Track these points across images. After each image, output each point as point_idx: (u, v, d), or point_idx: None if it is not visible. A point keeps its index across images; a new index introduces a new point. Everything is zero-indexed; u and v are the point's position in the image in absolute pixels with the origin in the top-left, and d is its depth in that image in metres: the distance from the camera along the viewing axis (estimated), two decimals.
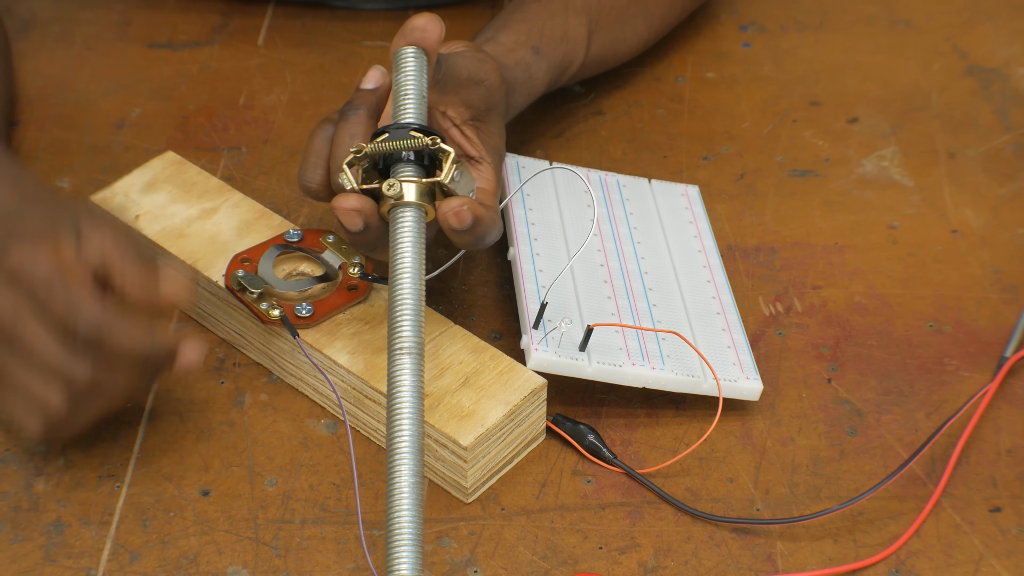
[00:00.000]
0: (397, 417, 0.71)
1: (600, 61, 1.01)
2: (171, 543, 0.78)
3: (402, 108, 0.78)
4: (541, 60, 0.94)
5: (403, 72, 0.79)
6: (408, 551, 0.68)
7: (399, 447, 0.70)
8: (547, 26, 0.96)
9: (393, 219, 0.76)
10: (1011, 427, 0.85)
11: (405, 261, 0.74)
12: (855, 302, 0.92)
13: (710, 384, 0.83)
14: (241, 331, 0.87)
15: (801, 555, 0.79)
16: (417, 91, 0.78)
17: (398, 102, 0.79)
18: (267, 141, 1.02)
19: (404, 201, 0.76)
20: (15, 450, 0.83)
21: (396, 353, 0.72)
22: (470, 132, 0.84)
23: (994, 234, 0.97)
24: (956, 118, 1.06)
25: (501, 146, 0.86)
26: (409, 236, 0.75)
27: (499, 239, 0.94)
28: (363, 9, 1.13)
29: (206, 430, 0.84)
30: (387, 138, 0.77)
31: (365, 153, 0.77)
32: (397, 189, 0.76)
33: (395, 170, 0.77)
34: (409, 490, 0.69)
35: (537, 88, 0.94)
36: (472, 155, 0.84)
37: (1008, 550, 0.79)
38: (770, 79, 1.09)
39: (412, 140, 0.77)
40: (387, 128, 0.77)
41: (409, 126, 0.77)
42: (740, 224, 0.97)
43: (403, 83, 0.79)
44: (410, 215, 0.76)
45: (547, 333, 0.82)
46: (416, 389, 0.71)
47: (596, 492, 0.81)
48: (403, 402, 0.71)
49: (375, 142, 0.77)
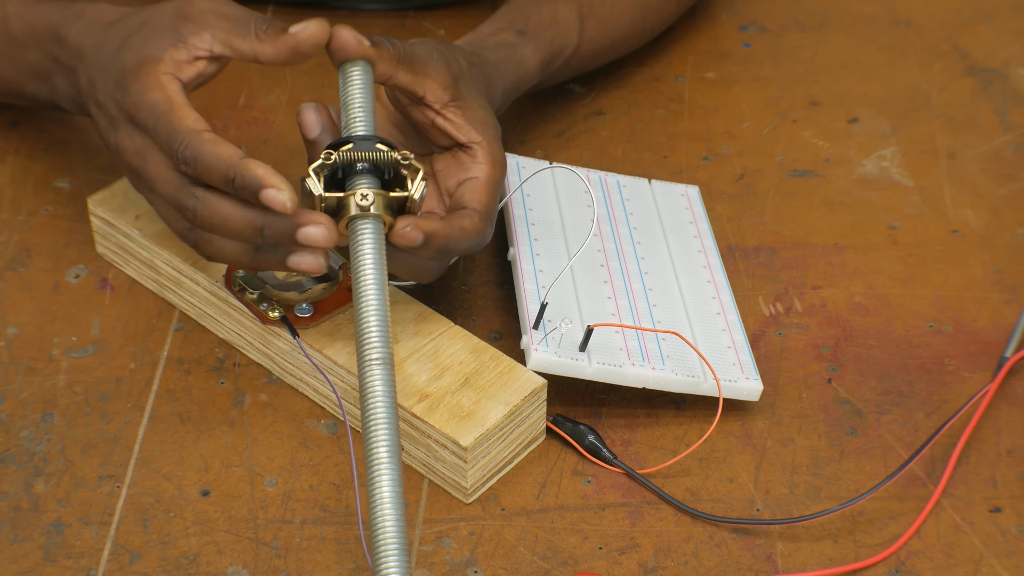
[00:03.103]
0: (374, 428, 0.71)
1: (597, 49, 1.01)
2: (171, 543, 0.78)
3: (354, 120, 0.79)
4: (527, 41, 0.94)
5: (351, 84, 0.80)
6: (395, 557, 0.68)
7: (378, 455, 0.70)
8: (534, 13, 0.96)
9: (356, 230, 0.76)
10: (1011, 427, 0.85)
11: (368, 272, 0.75)
12: (855, 302, 0.92)
13: (710, 384, 0.83)
14: (241, 331, 0.87)
15: (801, 555, 0.79)
16: (367, 102, 0.79)
17: (350, 114, 0.79)
18: (267, 141, 1.02)
19: (370, 213, 0.76)
20: (15, 450, 0.83)
21: (368, 364, 0.72)
22: (453, 115, 0.83)
23: (994, 234, 0.97)
24: (956, 118, 1.06)
25: (490, 119, 0.85)
26: (372, 247, 0.75)
27: (499, 239, 0.94)
28: (363, 9, 1.13)
29: (206, 430, 0.84)
30: (353, 148, 0.77)
31: (335, 160, 0.77)
32: (369, 199, 0.76)
33: (355, 181, 0.77)
34: (391, 500, 0.69)
35: (527, 68, 0.94)
36: (462, 140, 0.83)
37: (1008, 550, 0.79)
38: (770, 79, 1.09)
39: (381, 153, 0.77)
40: (351, 138, 0.78)
41: (372, 138, 0.78)
42: (740, 224, 0.97)
43: (352, 95, 0.79)
44: (372, 226, 0.76)
45: (547, 333, 0.82)
46: (390, 398, 0.71)
47: (596, 492, 0.81)
48: (379, 413, 0.71)
49: (343, 151, 0.77)
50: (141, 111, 0.79)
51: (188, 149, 0.77)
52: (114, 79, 0.81)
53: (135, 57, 0.81)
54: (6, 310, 0.90)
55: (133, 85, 0.80)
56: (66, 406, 0.85)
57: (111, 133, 0.82)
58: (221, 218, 0.78)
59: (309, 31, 0.80)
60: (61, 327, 0.89)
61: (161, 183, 0.80)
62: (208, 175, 0.77)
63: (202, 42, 0.81)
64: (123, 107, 0.81)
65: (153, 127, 0.79)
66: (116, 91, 0.81)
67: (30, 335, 0.89)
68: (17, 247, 0.94)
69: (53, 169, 1.00)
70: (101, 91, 0.82)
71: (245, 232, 0.78)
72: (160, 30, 0.81)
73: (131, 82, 0.80)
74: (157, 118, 0.79)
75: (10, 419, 0.84)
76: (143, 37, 0.81)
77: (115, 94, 0.81)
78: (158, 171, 0.80)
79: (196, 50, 0.81)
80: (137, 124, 0.80)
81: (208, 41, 0.81)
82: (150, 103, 0.79)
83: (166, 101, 0.79)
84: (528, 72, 0.94)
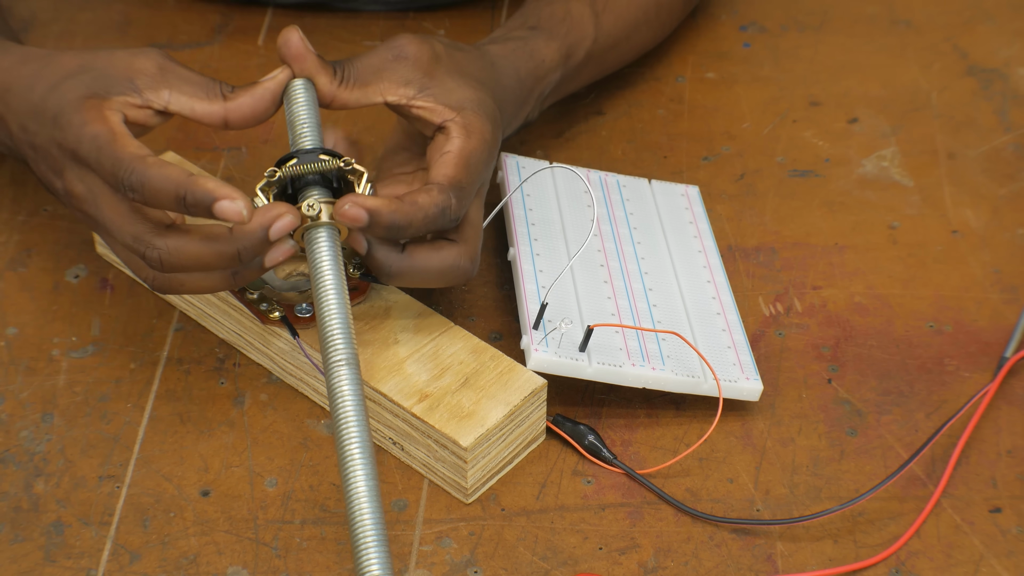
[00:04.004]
0: (345, 427, 0.71)
1: (614, 43, 1.00)
2: (171, 543, 0.78)
3: (300, 135, 0.80)
4: (540, 33, 0.94)
5: (295, 103, 0.81)
6: (376, 557, 0.68)
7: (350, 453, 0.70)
8: (545, 10, 0.96)
9: (311, 239, 0.77)
10: (1011, 427, 0.85)
11: (327, 277, 0.76)
12: (855, 302, 0.92)
13: (710, 384, 0.83)
14: (241, 331, 0.87)
15: (801, 556, 0.79)
16: (312, 118, 0.80)
17: (296, 130, 0.80)
18: (267, 141, 1.02)
19: (322, 221, 0.77)
20: (15, 450, 0.83)
21: (334, 365, 0.73)
22: (424, 102, 0.83)
23: (994, 234, 0.97)
24: (956, 118, 1.06)
25: (469, 95, 0.83)
26: (328, 254, 0.76)
27: (499, 239, 0.94)
28: (363, 10, 1.13)
29: (206, 430, 0.84)
30: (297, 163, 0.78)
31: (280, 176, 0.78)
32: (316, 209, 0.77)
33: (305, 193, 0.78)
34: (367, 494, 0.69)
35: (543, 57, 0.93)
36: (437, 122, 0.82)
37: (1008, 550, 0.79)
38: (770, 79, 1.09)
39: (324, 163, 0.78)
40: (294, 153, 0.79)
41: (317, 150, 0.79)
42: (740, 224, 0.97)
43: (297, 112, 0.80)
44: (326, 233, 0.77)
45: (547, 333, 0.82)
46: (359, 396, 0.72)
47: (596, 492, 0.81)
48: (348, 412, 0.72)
49: (287, 166, 0.78)
50: (83, 143, 0.77)
51: (133, 175, 0.76)
52: (50, 117, 0.79)
53: (77, 93, 0.78)
54: (6, 310, 0.90)
55: (75, 118, 0.78)
56: (66, 406, 0.85)
57: (56, 179, 0.80)
58: (192, 258, 0.77)
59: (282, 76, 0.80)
60: (61, 327, 0.89)
61: (117, 230, 0.78)
62: (157, 199, 0.76)
63: (158, 98, 0.80)
64: (63, 145, 0.78)
65: (96, 159, 0.77)
66: (54, 130, 0.78)
67: (30, 335, 0.89)
68: (17, 247, 0.94)
69: None
70: (36, 134, 0.80)
71: (222, 263, 0.77)
72: (111, 78, 0.79)
73: (72, 115, 0.78)
74: (100, 149, 0.77)
75: (10, 419, 0.84)
76: (90, 78, 0.79)
77: (53, 133, 0.79)
78: (112, 217, 0.78)
79: (150, 103, 0.80)
80: (80, 160, 0.78)
81: (165, 98, 0.80)
82: (92, 134, 0.77)
83: (108, 132, 0.77)
84: (545, 61, 0.94)
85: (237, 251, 0.76)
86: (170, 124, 1.02)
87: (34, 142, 0.80)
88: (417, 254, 0.80)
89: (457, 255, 0.81)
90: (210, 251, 0.76)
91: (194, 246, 0.76)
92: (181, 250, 0.77)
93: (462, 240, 0.81)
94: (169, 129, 1.02)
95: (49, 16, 1.12)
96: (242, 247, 0.76)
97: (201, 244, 0.76)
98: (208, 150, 1.01)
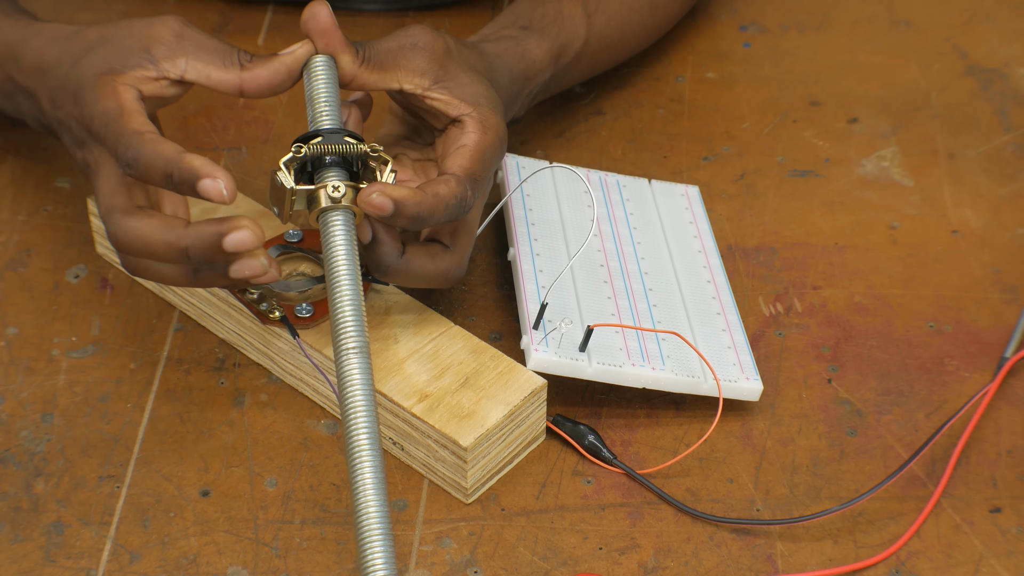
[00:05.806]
0: (353, 415, 0.71)
1: (606, 44, 1.00)
2: (171, 543, 0.78)
3: (321, 113, 0.79)
4: (531, 33, 0.94)
5: (317, 79, 0.80)
6: (380, 548, 0.68)
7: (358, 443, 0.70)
8: (537, 10, 0.96)
9: (327, 222, 0.76)
10: (1011, 427, 0.85)
11: (341, 263, 0.75)
12: (855, 302, 0.92)
13: (710, 384, 0.83)
14: (241, 331, 0.87)
15: (801, 556, 0.79)
16: (334, 96, 0.79)
17: (317, 108, 0.79)
18: (267, 141, 1.02)
19: (341, 205, 0.76)
20: (15, 450, 0.83)
21: (345, 352, 0.72)
22: (439, 94, 0.83)
23: (994, 234, 0.97)
24: (956, 118, 1.06)
25: (484, 91, 0.84)
26: (344, 237, 0.75)
27: (499, 239, 0.94)
28: (362, 10, 1.13)
29: (206, 430, 0.84)
30: (322, 141, 0.77)
31: (305, 153, 0.77)
32: (341, 192, 0.76)
33: (324, 173, 0.77)
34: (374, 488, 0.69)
35: (534, 57, 0.93)
36: (452, 115, 0.82)
37: (1008, 550, 0.79)
38: (770, 79, 1.09)
39: (350, 145, 0.77)
40: (319, 131, 0.78)
41: (340, 131, 0.78)
42: (740, 224, 0.97)
43: (319, 89, 0.80)
44: (344, 217, 0.76)
45: (547, 333, 0.82)
46: (368, 386, 0.71)
47: (596, 492, 0.81)
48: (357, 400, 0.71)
49: (312, 143, 0.77)
50: (96, 119, 0.78)
51: (130, 150, 0.76)
52: (71, 93, 0.80)
53: (95, 69, 0.79)
54: (6, 310, 0.90)
55: (89, 95, 0.78)
56: (66, 406, 0.85)
57: (78, 151, 0.81)
58: (143, 243, 0.76)
59: (302, 51, 0.80)
60: (61, 327, 0.89)
61: (100, 202, 0.78)
62: (149, 175, 0.76)
63: (175, 67, 0.80)
64: (81, 120, 0.79)
65: (104, 135, 0.77)
66: (74, 106, 0.79)
67: (30, 335, 0.89)
68: (17, 247, 0.94)
69: (53, 169, 1.00)
70: (62, 108, 0.81)
71: (171, 254, 0.76)
72: (128, 48, 0.80)
73: (87, 92, 0.78)
74: (107, 125, 0.77)
75: (10, 419, 0.84)
76: (107, 51, 0.80)
77: (72, 110, 0.80)
78: (100, 187, 0.78)
79: (166, 72, 0.80)
80: (94, 135, 0.78)
81: (181, 67, 0.80)
82: (103, 110, 0.77)
83: (118, 108, 0.77)
84: (536, 62, 0.93)
85: (186, 248, 0.75)
86: (170, 124, 1.02)
87: (60, 117, 0.81)
88: (415, 259, 0.80)
89: (450, 263, 0.82)
90: (161, 240, 0.76)
91: (148, 231, 0.76)
92: (135, 232, 0.76)
93: (456, 248, 0.82)
94: (169, 129, 1.02)
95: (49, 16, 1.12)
96: (191, 244, 0.75)
97: (155, 231, 0.76)
98: (208, 150, 1.01)
